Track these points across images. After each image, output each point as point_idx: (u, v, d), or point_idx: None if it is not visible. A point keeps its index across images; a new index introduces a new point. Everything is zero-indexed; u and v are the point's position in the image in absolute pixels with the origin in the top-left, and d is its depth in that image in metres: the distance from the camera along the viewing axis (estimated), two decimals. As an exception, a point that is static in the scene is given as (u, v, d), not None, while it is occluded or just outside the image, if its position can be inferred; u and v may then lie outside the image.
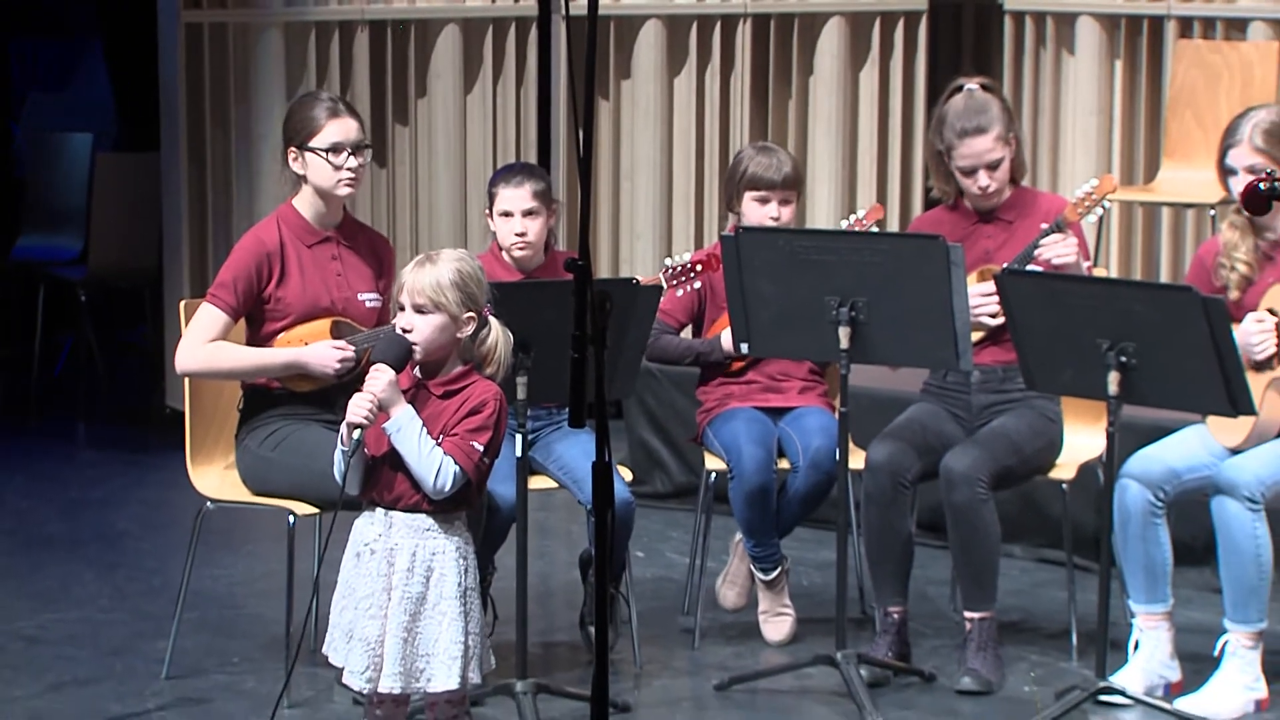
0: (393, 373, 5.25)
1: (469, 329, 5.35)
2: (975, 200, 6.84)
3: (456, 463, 5.23)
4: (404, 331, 5.30)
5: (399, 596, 5.21)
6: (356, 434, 5.23)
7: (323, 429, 6.17)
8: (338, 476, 5.28)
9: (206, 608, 7.16)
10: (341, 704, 6.14)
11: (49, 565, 7.82)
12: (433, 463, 5.21)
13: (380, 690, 5.23)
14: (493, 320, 5.39)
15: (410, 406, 5.25)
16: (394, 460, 5.26)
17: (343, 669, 5.29)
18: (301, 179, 6.51)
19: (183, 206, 9.18)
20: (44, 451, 9.41)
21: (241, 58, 9.09)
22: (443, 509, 5.27)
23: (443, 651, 5.22)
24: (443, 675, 5.22)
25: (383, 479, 5.28)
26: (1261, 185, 4.65)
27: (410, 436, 5.22)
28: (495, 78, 9.49)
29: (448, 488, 5.23)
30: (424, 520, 5.26)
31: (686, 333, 7.12)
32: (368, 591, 5.23)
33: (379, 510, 5.29)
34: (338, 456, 5.28)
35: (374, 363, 5.31)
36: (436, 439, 5.24)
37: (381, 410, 5.23)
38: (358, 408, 5.24)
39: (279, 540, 6.45)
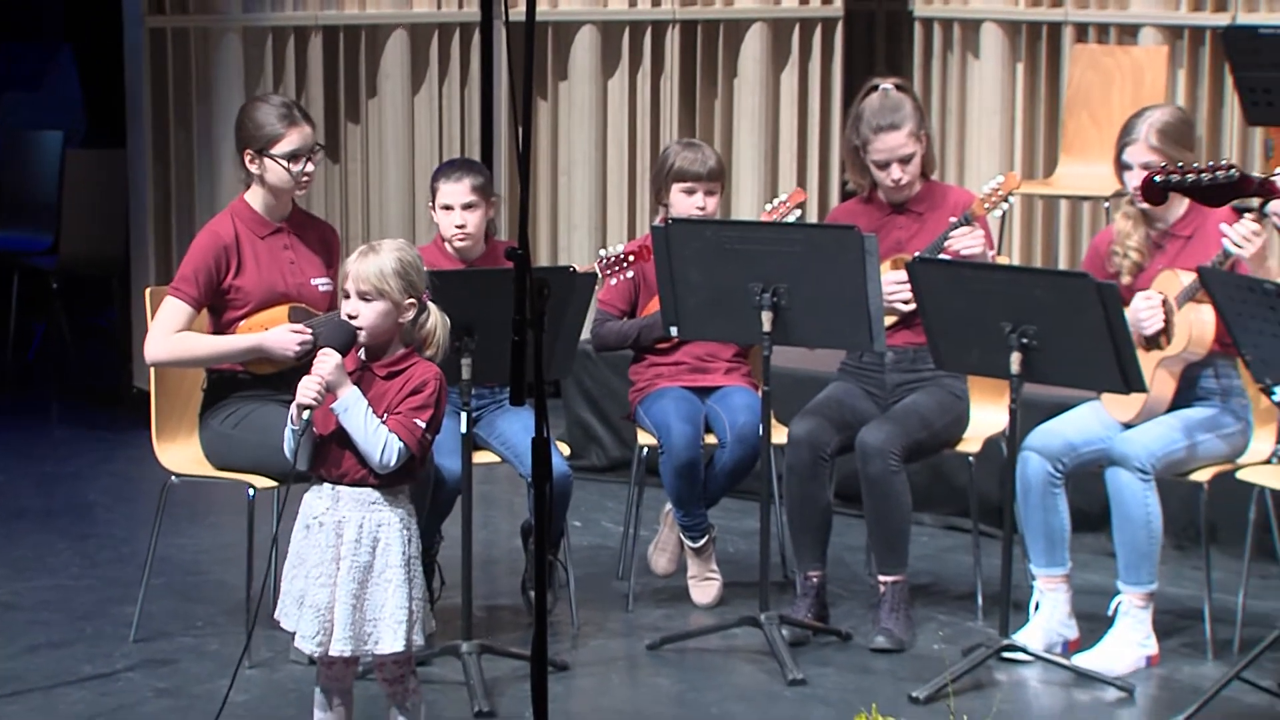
0: (339, 356, 5.23)
1: (410, 314, 5.34)
2: (888, 192, 6.86)
3: (400, 439, 5.22)
4: (350, 318, 5.29)
5: (347, 565, 5.20)
6: (306, 414, 5.22)
7: (280, 408, 6.13)
8: (288, 454, 5.27)
9: (172, 575, 7.14)
10: (299, 664, 6.13)
11: (23, 535, 7.79)
12: (378, 439, 5.20)
13: (330, 653, 5.21)
14: (431, 305, 5.38)
15: (356, 388, 5.23)
16: (341, 438, 5.24)
17: (294, 633, 5.27)
18: (256, 178, 6.51)
19: (148, 200, 9.15)
20: (18, 429, 9.37)
21: (202, 61, 9.06)
22: (387, 483, 5.26)
23: (389, 616, 5.21)
24: (389, 638, 5.21)
25: (330, 456, 5.26)
26: (1158, 178, 4.68)
27: (357, 415, 5.22)
28: (440, 79, 9.47)
29: (393, 462, 5.22)
30: (370, 494, 5.25)
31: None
32: (317, 561, 5.22)
33: (326, 485, 5.27)
34: (288, 435, 5.27)
35: (321, 347, 5.30)
36: (381, 417, 5.23)
37: (329, 391, 5.22)
38: (306, 389, 5.22)
39: (239, 512, 6.43)
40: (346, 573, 5.20)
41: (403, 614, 5.20)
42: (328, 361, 5.22)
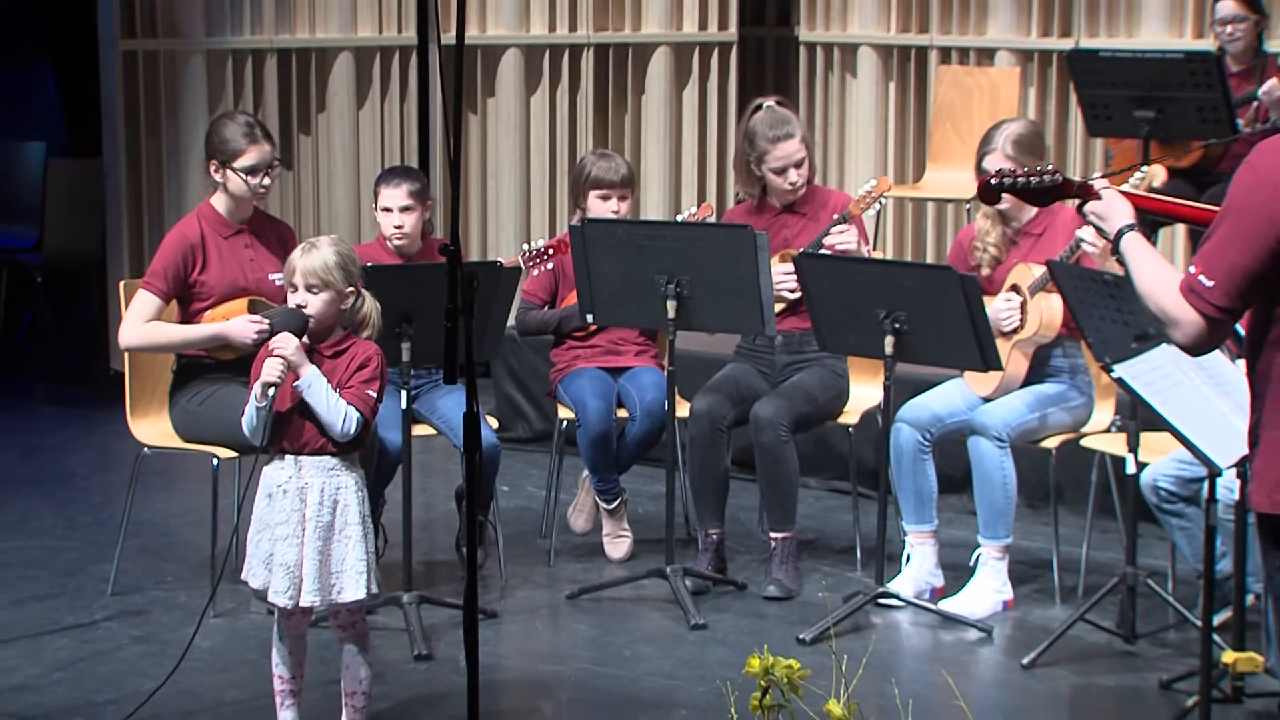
0: (296, 339, 5.20)
1: (350, 301, 5.31)
2: (782, 195, 6.85)
3: (357, 409, 5.20)
4: (299, 306, 5.26)
5: (313, 526, 5.17)
6: (271, 391, 5.18)
7: (241, 388, 6.09)
8: (247, 429, 5.22)
9: (144, 536, 7.09)
10: (258, 614, 6.09)
11: (11, 501, 7.72)
12: (339, 411, 5.18)
13: (302, 604, 5.17)
14: (365, 292, 5.36)
15: (315, 366, 5.20)
16: (302, 412, 5.20)
17: (260, 589, 5.23)
18: (219, 185, 6.48)
19: (122, 203, 9.09)
20: (6, 407, 9.28)
21: (170, 79, 9.00)
22: (343, 450, 5.23)
23: (350, 568, 5.18)
24: (352, 587, 5.19)
25: (290, 429, 5.22)
26: (992, 180, 4.70)
27: (319, 390, 5.18)
28: (382, 96, 9.43)
29: (352, 430, 5.19)
30: (329, 461, 5.21)
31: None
32: (284, 523, 5.17)
33: (288, 457, 5.23)
34: (250, 411, 5.22)
35: (276, 334, 5.25)
36: (335, 391, 5.20)
37: (290, 370, 5.18)
38: (271, 369, 5.17)
39: (205, 480, 6.41)
40: (312, 532, 5.16)
41: (363, 565, 5.18)
42: (288, 344, 5.19)
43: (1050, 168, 4.61)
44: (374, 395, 5.25)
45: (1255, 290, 3.80)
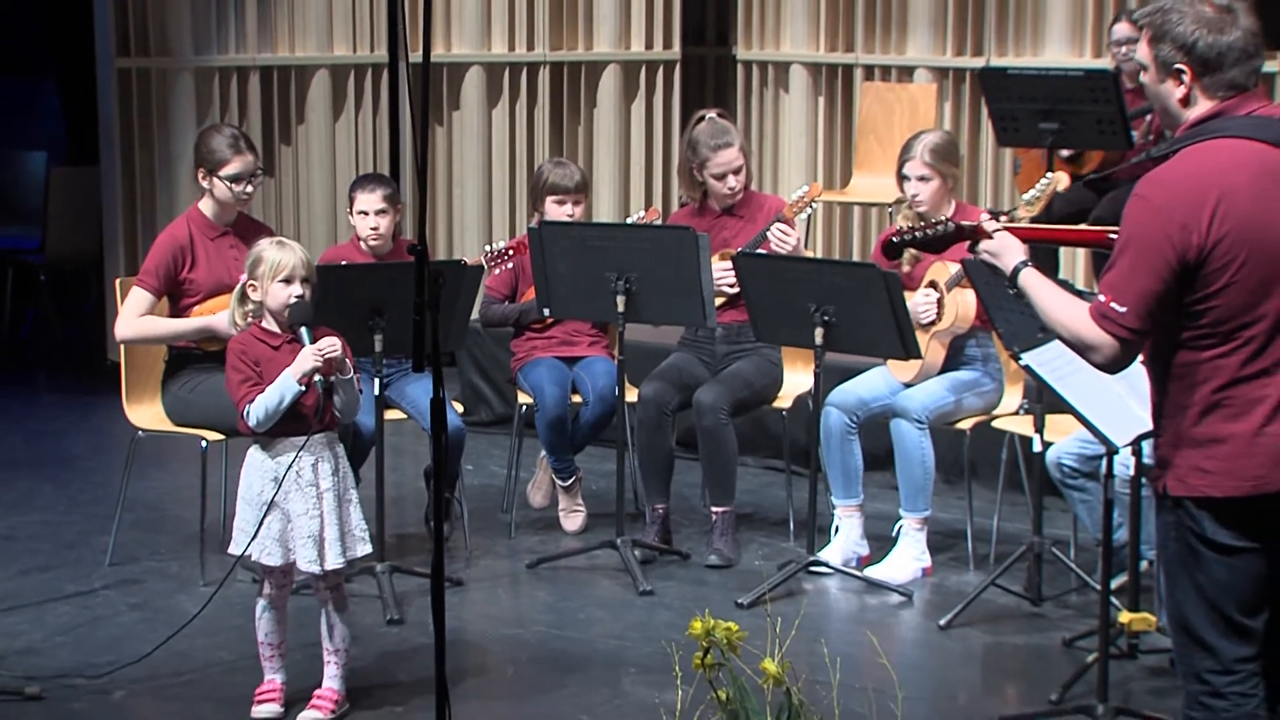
0: (338, 337, 5.16)
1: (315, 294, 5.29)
2: (722, 199, 6.86)
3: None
4: (299, 297, 5.19)
5: (330, 495, 5.12)
6: (317, 378, 5.08)
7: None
8: (260, 417, 5.07)
9: (139, 512, 7.05)
10: (243, 582, 6.07)
11: (17, 480, 7.69)
12: (362, 394, 5.25)
13: (328, 568, 5.12)
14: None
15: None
16: (326, 395, 5.14)
17: (273, 565, 5.14)
18: (207, 190, 6.45)
19: (118, 207, 9.05)
20: (13, 395, 9.24)
21: (162, 94, 8.96)
22: (336, 425, 5.23)
23: (356, 527, 5.20)
24: (362, 545, 5.23)
25: (297, 416, 5.10)
26: (894, 238, 4.67)
27: (353, 377, 5.21)
28: (357, 109, 9.39)
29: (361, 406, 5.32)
30: (330, 435, 5.19)
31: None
32: (300, 499, 5.08)
33: (289, 440, 5.10)
34: (278, 395, 5.05)
35: (297, 325, 5.15)
36: None
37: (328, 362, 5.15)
38: (314, 357, 5.06)
39: (194, 460, 6.38)
40: (330, 501, 5.13)
41: (364, 524, 5.20)
42: (335, 343, 5.11)
43: (945, 219, 4.59)
44: (359, 377, 5.30)
45: (1163, 310, 3.82)
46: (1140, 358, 3.99)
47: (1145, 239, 3.80)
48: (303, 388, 5.09)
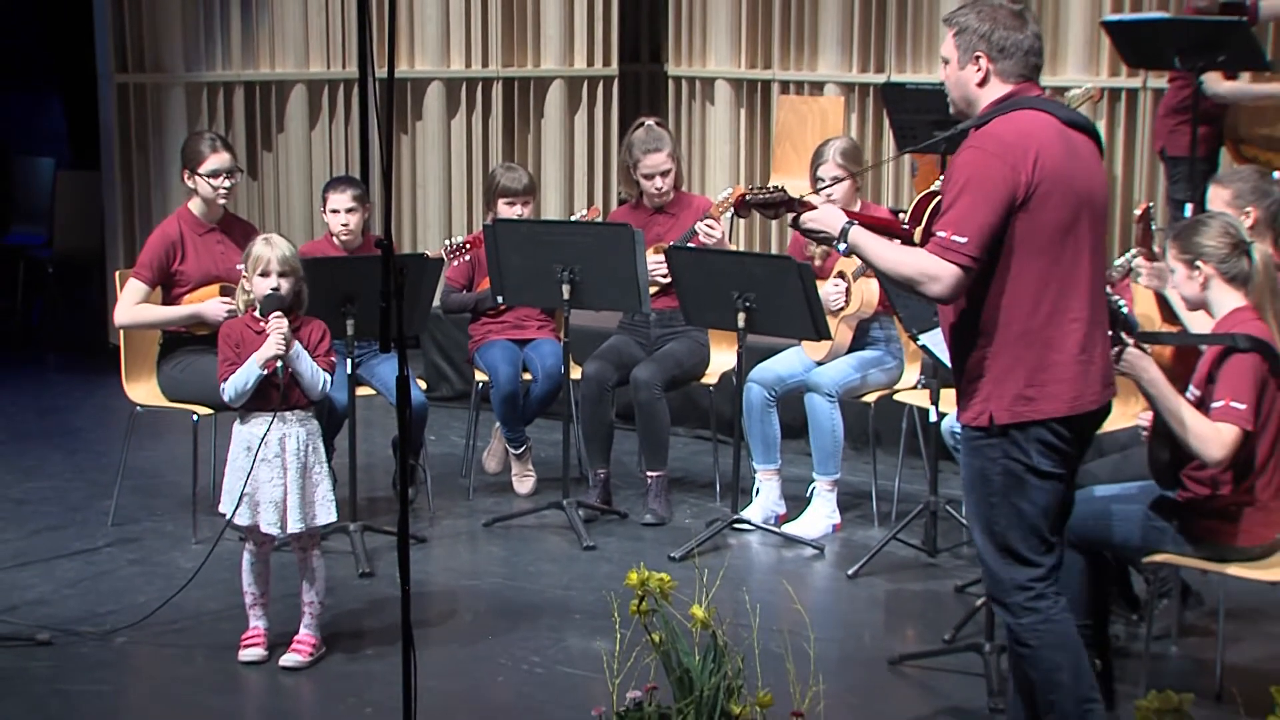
0: (286, 319, 5.14)
1: (301, 285, 5.26)
2: (653, 199, 6.86)
3: (328, 374, 5.22)
4: (275, 289, 5.18)
5: (294, 466, 5.10)
6: (279, 362, 5.10)
7: (214, 358, 6.05)
8: (233, 392, 5.09)
9: (138, 478, 7.00)
10: (230, 540, 6.02)
11: (29, 450, 7.63)
12: (318, 375, 5.18)
13: (289, 531, 5.10)
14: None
15: (299, 342, 5.17)
16: (290, 378, 5.12)
17: (243, 525, 5.13)
18: (194, 191, 6.40)
19: (117, 207, 8.97)
20: (26, 374, 9.17)
21: (156, 106, 8.89)
22: (310, 405, 5.19)
23: (322, 498, 5.16)
24: (324, 514, 5.18)
25: (275, 392, 5.12)
26: (747, 196, 4.68)
27: (305, 359, 5.17)
28: (330, 119, 9.34)
29: (328, 389, 5.24)
30: (302, 414, 5.17)
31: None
32: (268, 470, 5.07)
33: (265, 415, 5.11)
34: (244, 378, 5.08)
35: (265, 313, 5.16)
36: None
37: (285, 344, 5.12)
38: (277, 345, 5.07)
39: (186, 432, 6.33)
40: (294, 471, 5.11)
41: (331, 496, 5.17)
42: (283, 323, 5.11)
43: (779, 186, 4.65)
44: (334, 362, 5.26)
45: (993, 244, 3.94)
46: (950, 317, 4.05)
47: (982, 179, 3.96)
48: (264, 371, 5.09)
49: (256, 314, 5.20)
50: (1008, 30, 4.07)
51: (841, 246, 4.23)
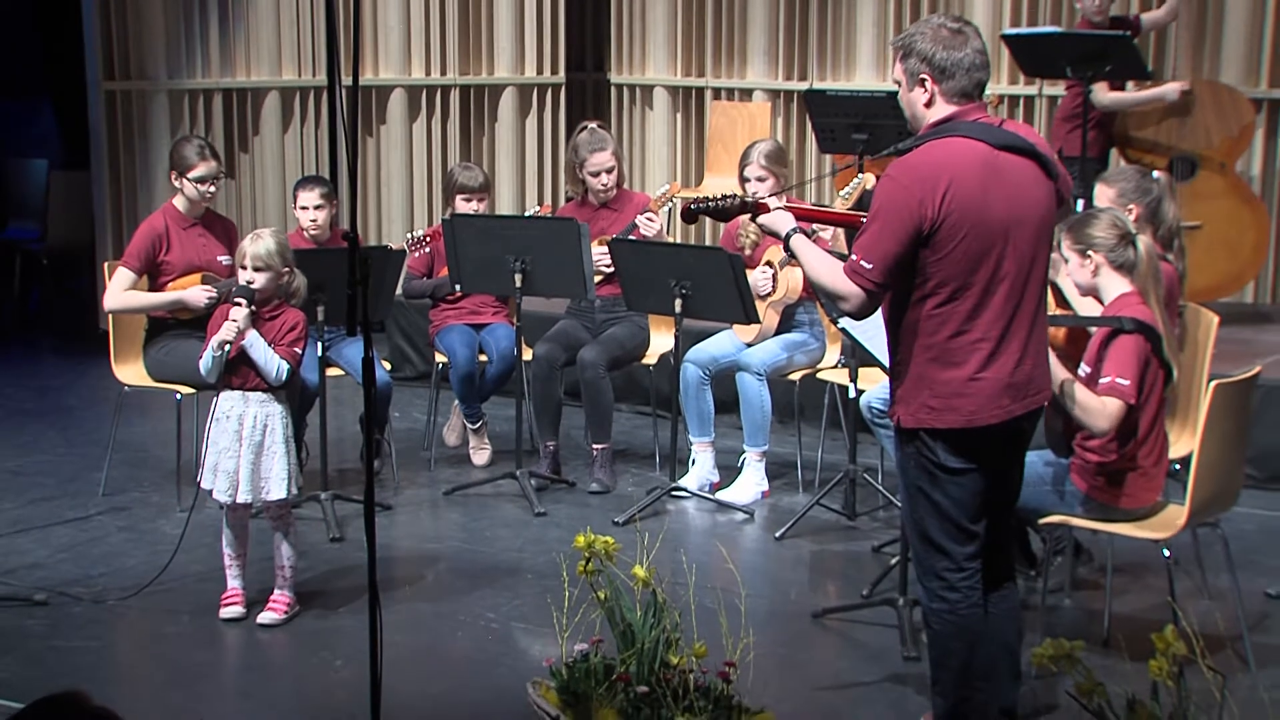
0: (247, 308, 5.11)
1: (285, 278, 5.22)
2: (597, 195, 6.84)
3: (287, 361, 5.14)
4: (249, 283, 5.15)
5: (247, 443, 5.09)
6: (226, 346, 5.09)
7: (197, 341, 5.98)
8: (202, 370, 5.14)
9: (126, 452, 6.94)
10: (211, 510, 5.98)
11: (26, 426, 7.56)
12: (273, 363, 5.11)
13: (238, 500, 5.11)
14: (297, 271, 5.28)
15: (256, 330, 5.13)
16: (247, 360, 5.11)
17: (206, 488, 5.14)
18: (180, 190, 6.35)
19: (106, 205, 8.90)
20: (22, 357, 9.09)
21: (141, 112, 8.81)
22: (274, 389, 5.15)
23: (275, 474, 5.11)
24: (276, 489, 5.12)
25: (238, 372, 5.12)
26: (691, 206, 4.61)
27: (259, 348, 5.11)
28: (301, 123, 9.27)
29: (283, 377, 5.15)
30: (262, 395, 5.13)
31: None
32: (226, 442, 5.09)
33: (236, 392, 5.14)
34: (207, 358, 5.13)
35: (232, 302, 5.15)
36: (270, 345, 5.13)
37: (241, 331, 5.09)
38: (226, 330, 5.08)
39: (171, 410, 6.28)
40: (246, 447, 5.08)
41: (285, 473, 5.11)
42: (240, 312, 5.10)
43: (733, 194, 4.58)
44: (300, 352, 5.23)
45: (900, 270, 3.84)
46: (882, 313, 4.01)
47: (891, 210, 3.82)
48: (217, 353, 5.08)
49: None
50: (948, 50, 3.86)
51: (786, 251, 4.21)
